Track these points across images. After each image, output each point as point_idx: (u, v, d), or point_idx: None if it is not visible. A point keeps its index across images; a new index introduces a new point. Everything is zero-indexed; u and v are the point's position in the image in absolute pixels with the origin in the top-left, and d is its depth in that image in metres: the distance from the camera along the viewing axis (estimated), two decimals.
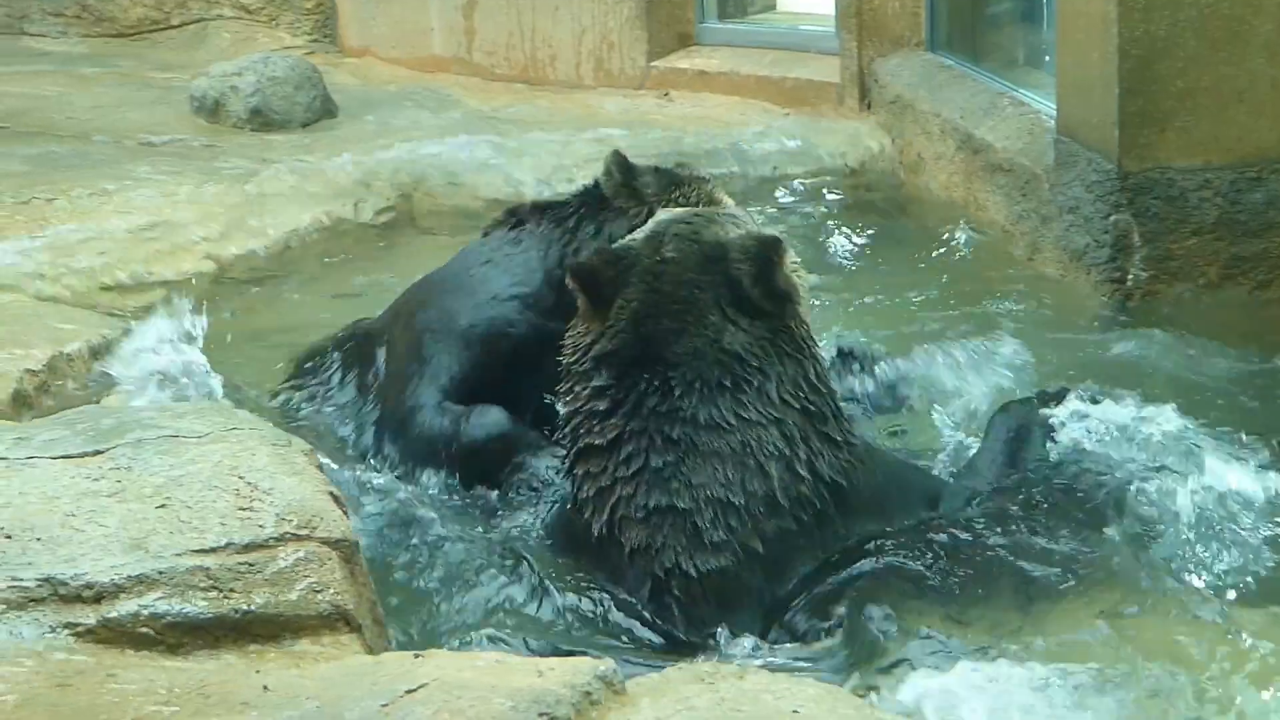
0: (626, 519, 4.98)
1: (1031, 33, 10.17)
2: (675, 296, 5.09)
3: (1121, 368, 7.05)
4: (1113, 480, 5.36)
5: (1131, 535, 5.27)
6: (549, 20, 12.35)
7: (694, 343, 5.03)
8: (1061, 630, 4.75)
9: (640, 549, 4.95)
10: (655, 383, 5.02)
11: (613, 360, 5.10)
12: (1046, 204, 8.27)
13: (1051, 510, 5.23)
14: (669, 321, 5.06)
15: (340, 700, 3.83)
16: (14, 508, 4.54)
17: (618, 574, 5.00)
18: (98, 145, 10.92)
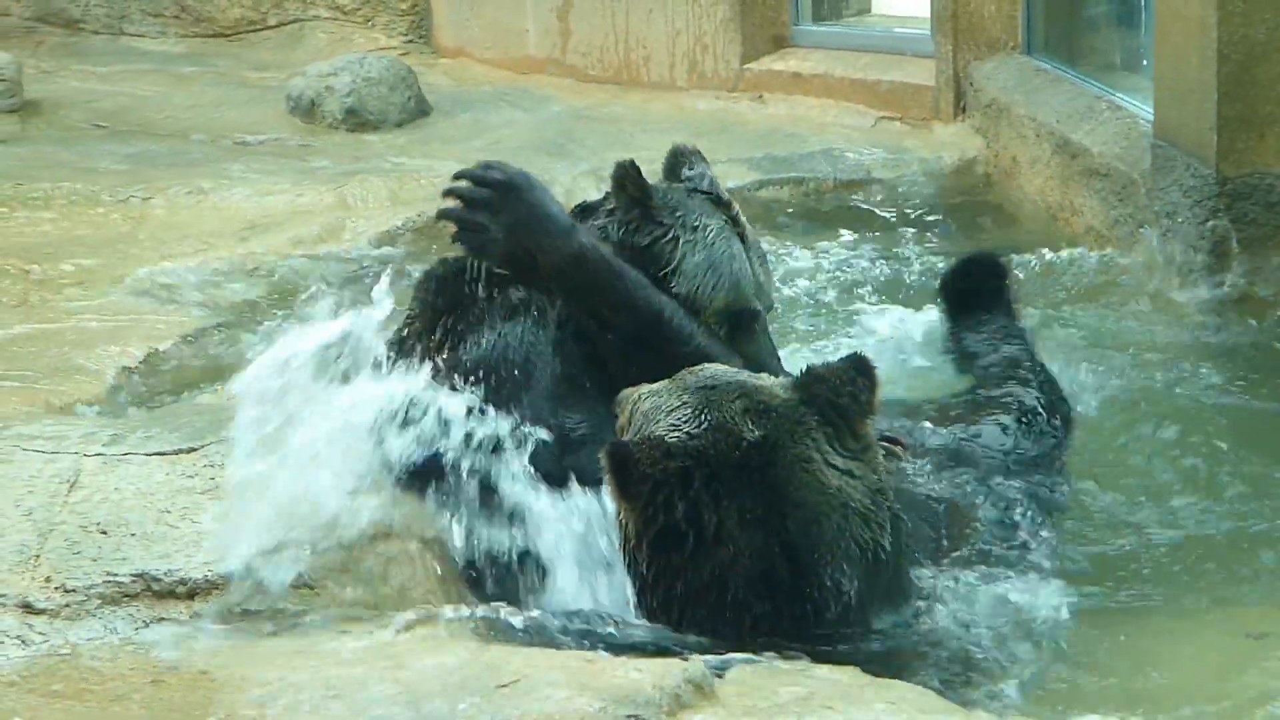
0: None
1: (1129, 36, 10.08)
2: (791, 487, 4.47)
3: (1218, 374, 6.99)
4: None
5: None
6: (643, 22, 12.35)
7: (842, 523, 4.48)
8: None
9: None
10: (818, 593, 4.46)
11: (767, 582, 4.42)
12: (1143, 209, 8.19)
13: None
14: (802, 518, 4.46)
15: (430, 695, 3.84)
16: (110, 504, 4.58)
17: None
18: (195, 144, 11.01)
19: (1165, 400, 6.69)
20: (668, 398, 4.61)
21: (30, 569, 4.28)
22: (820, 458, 4.47)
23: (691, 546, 4.38)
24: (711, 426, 4.47)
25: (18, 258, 8.43)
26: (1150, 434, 6.30)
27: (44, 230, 9.05)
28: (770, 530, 4.40)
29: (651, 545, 4.42)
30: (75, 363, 6.93)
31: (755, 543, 4.38)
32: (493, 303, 5.73)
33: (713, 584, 4.38)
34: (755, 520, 4.38)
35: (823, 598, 4.41)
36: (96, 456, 4.87)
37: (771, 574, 4.39)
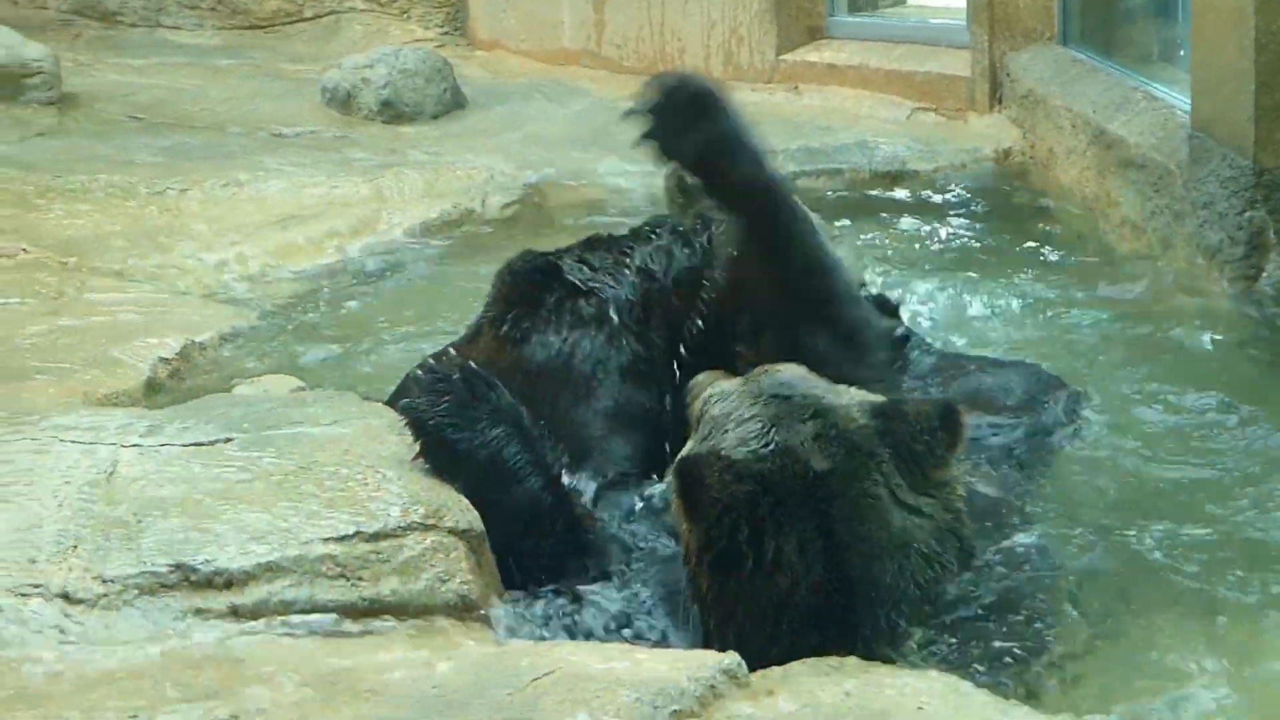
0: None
1: (1165, 26, 10.04)
2: (854, 521, 4.38)
3: (1257, 365, 6.97)
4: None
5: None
6: (678, 14, 12.34)
7: (902, 560, 4.39)
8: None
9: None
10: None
11: (823, 616, 4.33)
12: (1180, 200, 8.16)
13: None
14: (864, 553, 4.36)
15: (466, 688, 3.85)
16: (147, 495, 4.60)
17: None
18: (231, 137, 11.03)
19: (1202, 391, 6.68)
20: (739, 405, 4.55)
21: (68, 559, 4.30)
22: (888, 494, 4.39)
23: (749, 571, 4.32)
24: (780, 449, 4.40)
25: (55, 250, 8.46)
26: (1187, 424, 6.28)
27: (81, 223, 9.08)
28: (829, 564, 4.32)
29: (711, 565, 4.37)
30: (112, 355, 6.96)
31: (813, 575, 4.31)
32: (563, 308, 5.76)
33: (769, 611, 4.32)
34: (815, 552, 4.31)
35: (875, 637, 4.34)
36: (133, 448, 4.88)
37: (827, 609, 4.32)
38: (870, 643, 4.30)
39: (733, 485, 4.33)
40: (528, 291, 5.83)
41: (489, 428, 4.76)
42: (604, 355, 5.67)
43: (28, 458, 4.82)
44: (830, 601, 4.31)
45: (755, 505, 4.32)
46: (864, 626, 4.32)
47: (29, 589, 4.20)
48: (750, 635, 4.30)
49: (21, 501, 4.56)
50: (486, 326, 5.85)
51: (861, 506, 4.35)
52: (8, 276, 7.99)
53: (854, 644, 4.28)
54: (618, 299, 5.74)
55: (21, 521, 4.46)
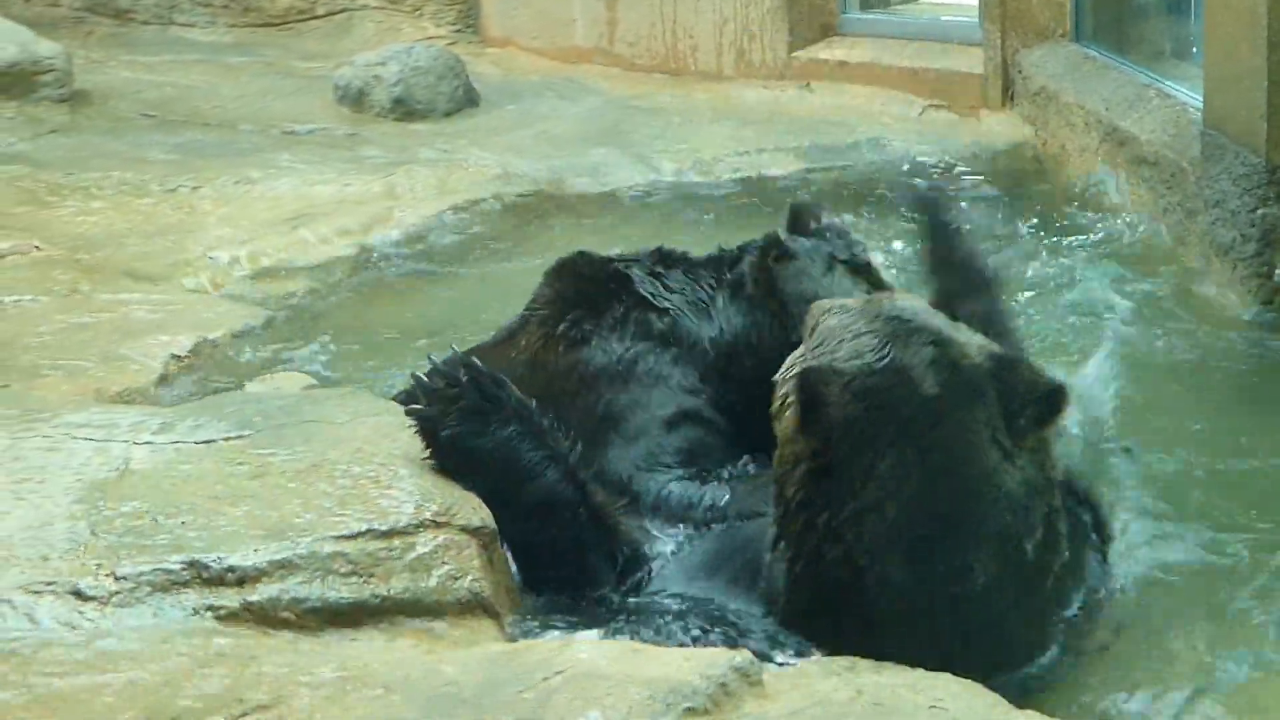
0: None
1: (1179, 23, 10.03)
2: (952, 450, 4.39)
3: (1265, 365, 6.96)
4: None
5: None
6: (690, 11, 12.33)
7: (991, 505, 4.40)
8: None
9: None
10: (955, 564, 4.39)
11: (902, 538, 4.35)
12: (1192, 198, 8.15)
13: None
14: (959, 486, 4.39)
15: (477, 686, 3.85)
16: (160, 491, 4.61)
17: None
18: (243, 134, 11.03)
19: (1216, 390, 6.67)
20: (856, 320, 4.52)
21: (80, 556, 4.30)
22: (988, 433, 4.39)
23: (840, 481, 4.36)
24: (893, 366, 4.40)
25: (67, 248, 8.48)
26: (1198, 422, 6.28)
27: (93, 220, 9.09)
28: (919, 486, 4.34)
29: (806, 474, 4.41)
30: (124, 352, 6.96)
31: (902, 494, 4.33)
32: (630, 319, 5.73)
33: (852, 521, 4.35)
34: (907, 472, 4.33)
35: (948, 572, 4.36)
36: (146, 445, 4.89)
37: (906, 532, 4.34)
38: (944, 582, 4.34)
39: (849, 402, 4.35)
40: (592, 295, 5.80)
41: (500, 428, 4.79)
42: (669, 373, 5.64)
43: (40, 455, 4.83)
44: (912, 522, 4.33)
45: (866, 422, 4.33)
46: (940, 559, 4.35)
47: (41, 586, 4.20)
48: (829, 547, 4.37)
49: (34, 499, 4.57)
50: (536, 325, 5.81)
51: (961, 435, 4.36)
52: (20, 274, 8.00)
53: (929, 574, 4.33)
54: (699, 334, 5.70)
55: (34, 519, 4.47)
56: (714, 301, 5.73)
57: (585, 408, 5.57)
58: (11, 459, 4.80)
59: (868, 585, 4.35)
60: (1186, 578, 5.14)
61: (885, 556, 4.33)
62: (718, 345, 5.68)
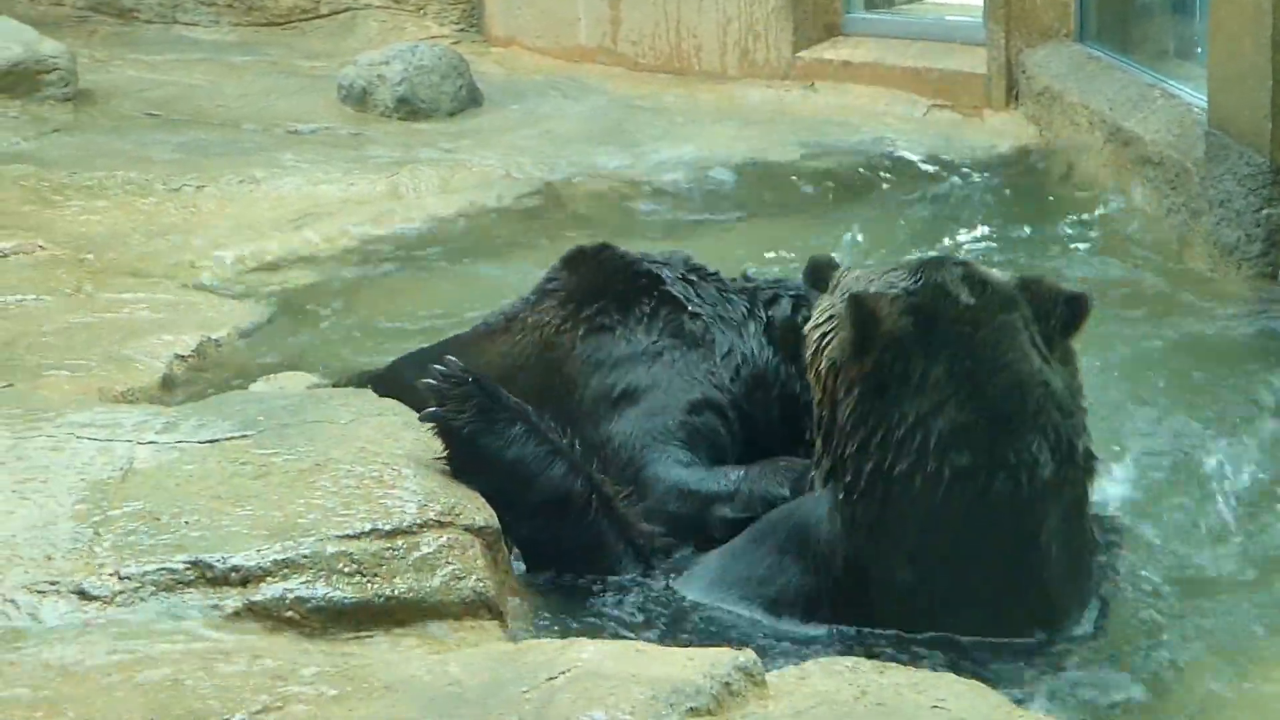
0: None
1: (1183, 23, 10.04)
2: (999, 349, 4.62)
3: (1269, 364, 6.95)
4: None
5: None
6: (694, 10, 12.33)
7: (1041, 400, 4.61)
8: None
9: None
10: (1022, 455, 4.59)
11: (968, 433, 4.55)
12: (1196, 198, 8.15)
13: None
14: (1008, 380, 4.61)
15: (481, 685, 3.85)
16: (163, 492, 4.61)
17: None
18: (247, 133, 11.03)
19: (1219, 389, 6.67)
20: (878, 268, 4.82)
21: (85, 556, 4.31)
22: (1027, 336, 4.62)
23: (896, 393, 4.56)
24: (932, 283, 4.64)
25: (71, 247, 8.48)
26: (1202, 427, 6.27)
27: (97, 219, 9.09)
28: (974, 385, 4.54)
29: (860, 396, 4.59)
30: (128, 352, 6.97)
31: (960, 394, 4.53)
32: (659, 315, 5.74)
33: (915, 429, 4.54)
34: (962, 374, 4.54)
35: (1019, 464, 4.54)
36: (150, 444, 4.89)
37: (972, 428, 4.53)
38: (1015, 475, 4.54)
39: (899, 316, 4.56)
40: (620, 288, 5.82)
41: (508, 426, 4.90)
42: (696, 367, 5.67)
43: (44, 454, 4.83)
44: (976, 420, 4.53)
45: (917, 333, 4.56)
46: (1008, 450, 4.54)
47: (46, 586, 4.21)
48: (892, 458, 4.55)
49: (38, 498, 4.57)
50: (555, 306, 5.83)
51: (1004, 337, 4.59)
52: (24, 273, 8.01)
53: (997, 469, 4.52)
54: (731, 345, 5.72)
55: (38, 518, 4.47)
56: (746, 326, 5.76)
57: (600, 388, 5.61)
58: (15, 459, 4.80)
59: (939, 485, 4.54)
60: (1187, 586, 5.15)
61: (953, 455, 4.53)
62: (746, 363, 5.71)
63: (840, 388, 4.65)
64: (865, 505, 4.61)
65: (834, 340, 4.67)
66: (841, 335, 4.63)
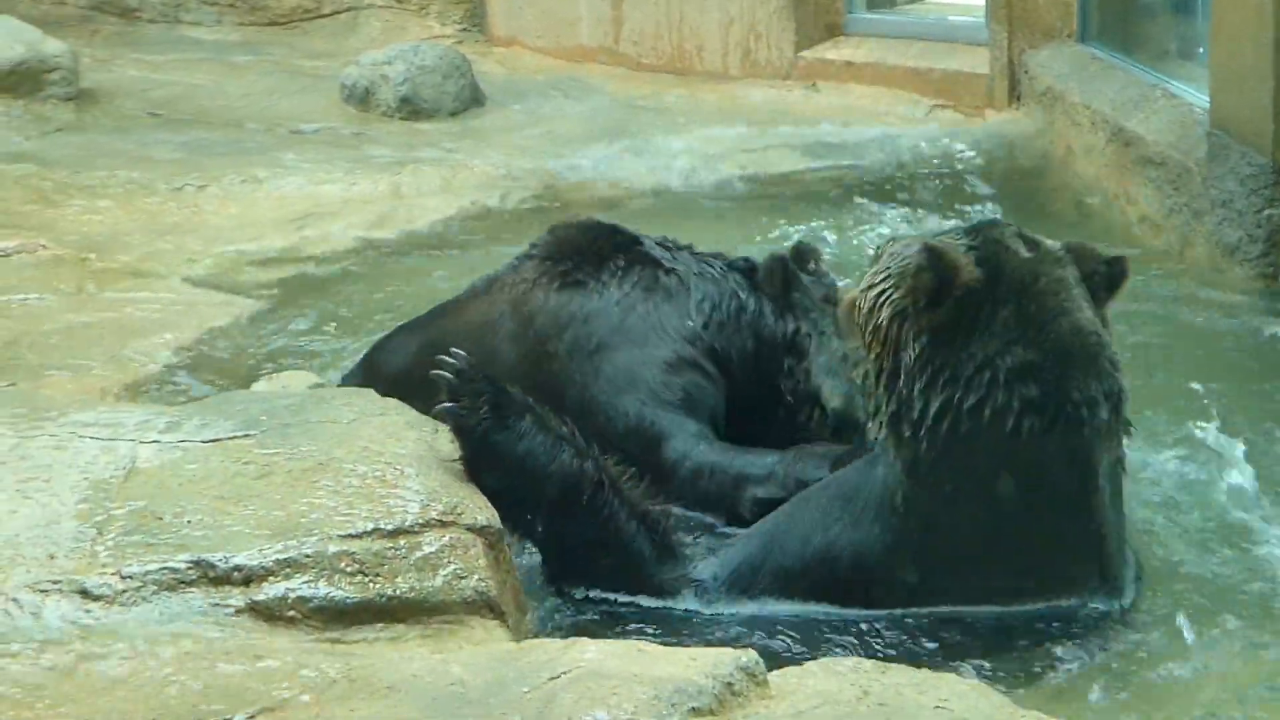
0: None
1: (1185, 24, 10.03)
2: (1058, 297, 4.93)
3: (1271, 364, 6.96)
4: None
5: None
6: (696, 10, 12.33)
7: (1097, 346, 4.93)
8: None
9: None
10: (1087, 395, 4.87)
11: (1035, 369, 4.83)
12: (1198, 198, 8.15)
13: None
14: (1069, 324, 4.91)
15: (484, 685, 3.85)
16: (166, 491, 4.61)
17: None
18: (249, 133, 11.04)
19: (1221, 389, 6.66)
20: (929, 234, 5.19)
21: (87, 555, 4.31)
22: (1080, 290, 4.96)
23: (966, 336, 4.83)
24: (993, 238, 4.96)
25: (74, 246, 8.49)
26: (1204, 423, 6.27)
27: (100, 219, 9.10)
28: (1039, 327, 4.84)
29: (929, 342, 4.86)
30: (130, 351, 6.97)
31: (1026, 337, 4.83)
32: (633, 271, 5.82)
33: (985, 366, 4.81)
34: (1027, 318, 4.85)
35: (1082, 401, 4.84)
36: (152, 444, 4.89)
37: (1038, 365, 4.81)
38: (1076, 416, 4.82)
39: (969, 266, 4.84)
40: (598, 248, 5.94)
41: (518, 419, 5.02)
42: (668, 320, 5.76)
43: (47, 454, 4.83)
44: (1043, 360, 4.82)
45: (986, 282, 4.85)
46: (1072, 388, 4.82)
47: (48, 585, 4.21)
48: (963, 395, 4.81)
49: (40, 498, 4.57)
50: (533, 265, 5.90)
51: (1061, 288, 4.91)
52: (27, 272, 8.01)
53: (1062, 408, 4.80)
54: (705, 294, 5.86)
55: (40, 517, 4.47)
56: (726, 277, 5.92)
57: (573, 341, 5.70)
58: (18, 458, 4.80)
59: (1008, 416, 4.80)
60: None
61: (1021, 388, 4.80)
62: (718, 308, 5.85)
63: (907, 335, 4.89)
64: (930, 441, 4.84)
65: (902, 292, 4.89)
66: (916, 284, 4.86)
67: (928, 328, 4.86)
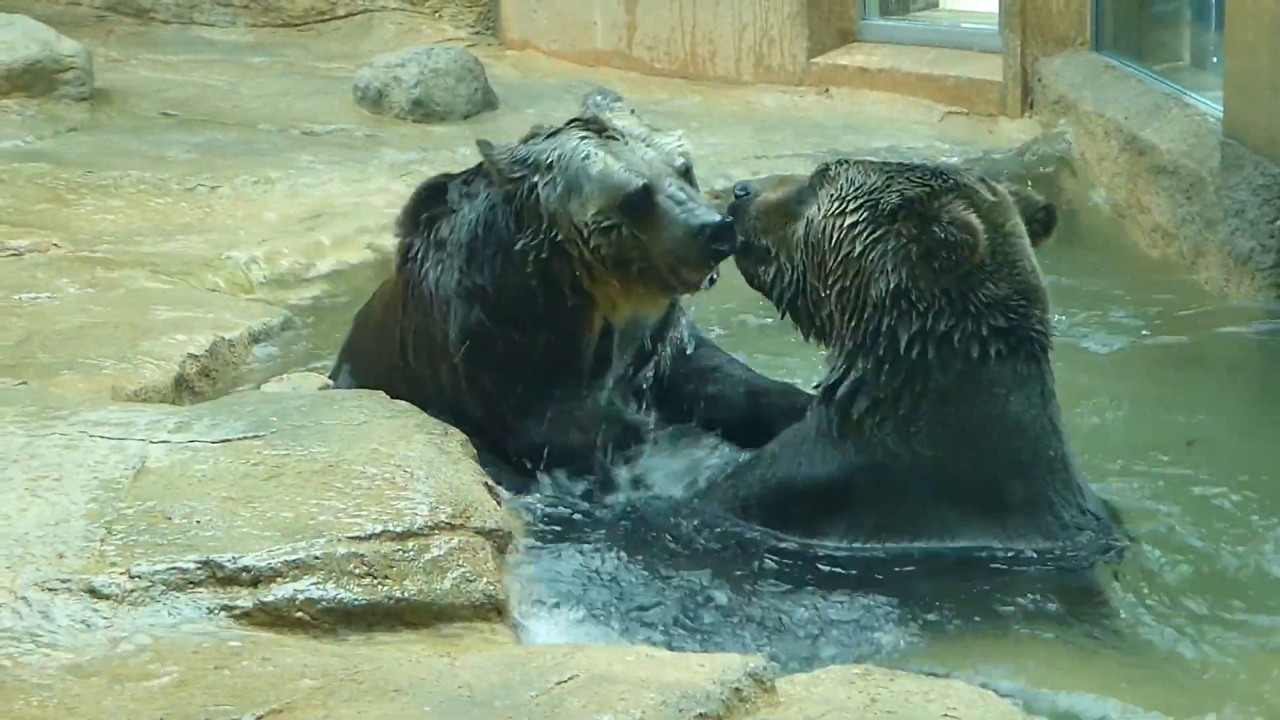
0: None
1: (1199, 33, 10.02)
2: (1021, 239, 5.23)
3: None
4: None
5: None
6: (710, 15, 12.34)
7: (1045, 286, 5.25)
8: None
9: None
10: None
11: (1004, 303, 5.13)
12: (1211, 207, 8.14)
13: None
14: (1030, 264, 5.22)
15: (491, 689, 3.85)
16: (175, 490, 4.61)
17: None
18: (262, 134, 11.05)
19: (1233, 399, 6.66)
20: (884, 164, 5.42)
21: (96, 555, 4.31)
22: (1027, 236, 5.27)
23: (948, 261, 5.05)
24: (964, 187, 5.16)
25: (87, 245, 8.49)
26: (1216, 432, 6.26)
27: (112, 218, 9.10)
28: (1008, 264, 5.12)
29: (908, 270, 5.06)
30: (142, 351, 6.97)
31: (998, 272, 5.09)
32: (435, 227, 5.77)
33: (958, 300, 5.05)
34: (999, 255, 5.11)
35: (1043, 333, 5.14)
36: (162, 444, 4.90)
37: (1007, 299, 5.08)
38: (1039, 336, 5.13)
39: (957, 211, 5.05)
40: (419, 214, 5.92)
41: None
42: (447, 281, 5.65)
43: (57, 452, 4.84)
44: (1010, 291, 5.11)
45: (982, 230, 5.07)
46: (1030, 316, 5.12)
47: (57, 584, 4.21)
48: (927, 323, 5.04)
49: (51, 496, 4.58)
50: (409, 224, 5.90)
51: (1020, 231, 5.20)
52: (39, 271, 8.01)
53: (1026, 331, 5.10)
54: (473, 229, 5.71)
55: (50, 516, 4.48)
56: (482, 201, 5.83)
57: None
58: (29, 456, 4.81)
59: (976, 342, 5.05)
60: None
61: (990, 318, 5.07)
62: (483, 245, 5.68)
63: (880, 266, 5.10)
64: (894, 369, 5.07)
65: (922, 249, 5.06)
66: (953, 255, 5.02)
67: (905, 260, 5.08)
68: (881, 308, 5.07)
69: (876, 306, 5.08)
